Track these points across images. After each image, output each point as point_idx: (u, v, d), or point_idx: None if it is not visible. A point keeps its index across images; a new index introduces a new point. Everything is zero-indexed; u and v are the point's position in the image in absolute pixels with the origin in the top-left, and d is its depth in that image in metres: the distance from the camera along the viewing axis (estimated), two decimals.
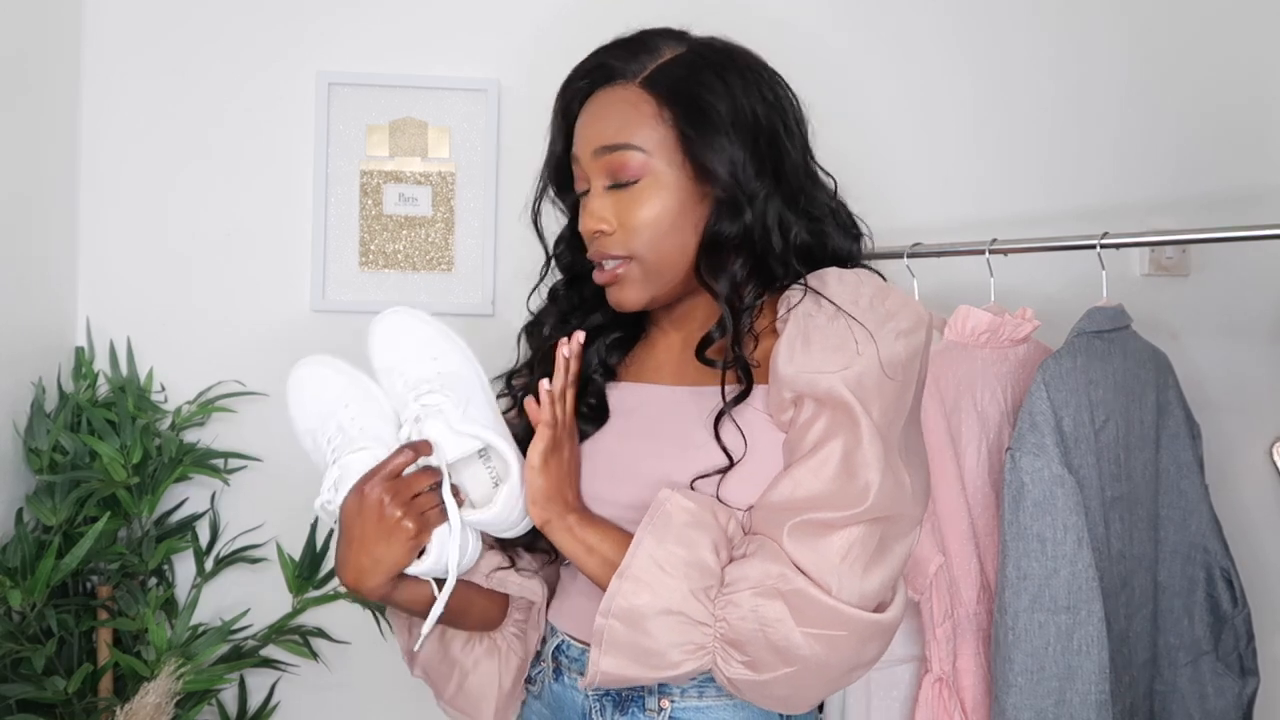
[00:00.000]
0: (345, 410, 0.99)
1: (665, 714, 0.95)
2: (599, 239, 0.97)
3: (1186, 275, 1.81)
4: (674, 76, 0.96)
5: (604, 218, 0.96)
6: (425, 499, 0.92)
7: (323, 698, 1.63)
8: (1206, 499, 1.40)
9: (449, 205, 1.67)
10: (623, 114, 0.95)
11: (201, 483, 1.61)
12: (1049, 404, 1.23)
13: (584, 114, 0.99)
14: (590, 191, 0.98)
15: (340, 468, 0.95)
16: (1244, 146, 1.81)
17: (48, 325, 1.55)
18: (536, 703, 1.05)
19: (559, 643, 1.02)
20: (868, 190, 1.74)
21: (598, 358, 1.04)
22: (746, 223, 0.94)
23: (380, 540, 0.90)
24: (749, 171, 0.94)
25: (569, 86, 1.02)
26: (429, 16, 1.67)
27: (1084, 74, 1.79)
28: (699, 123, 0.93)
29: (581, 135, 0.98)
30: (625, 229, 0.95)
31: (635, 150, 0.94)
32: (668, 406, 0.99)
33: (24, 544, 1.35)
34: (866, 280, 0.95)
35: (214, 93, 1.64)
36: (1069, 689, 1.20)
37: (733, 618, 0.85)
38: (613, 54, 0.99)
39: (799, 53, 1.73)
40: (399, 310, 1.03)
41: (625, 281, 0.97)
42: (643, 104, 0.95)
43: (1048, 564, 1.21)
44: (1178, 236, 1.31)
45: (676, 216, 0.95)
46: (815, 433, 0.88)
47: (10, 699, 1.32)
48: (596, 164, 0.96)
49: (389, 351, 1.01)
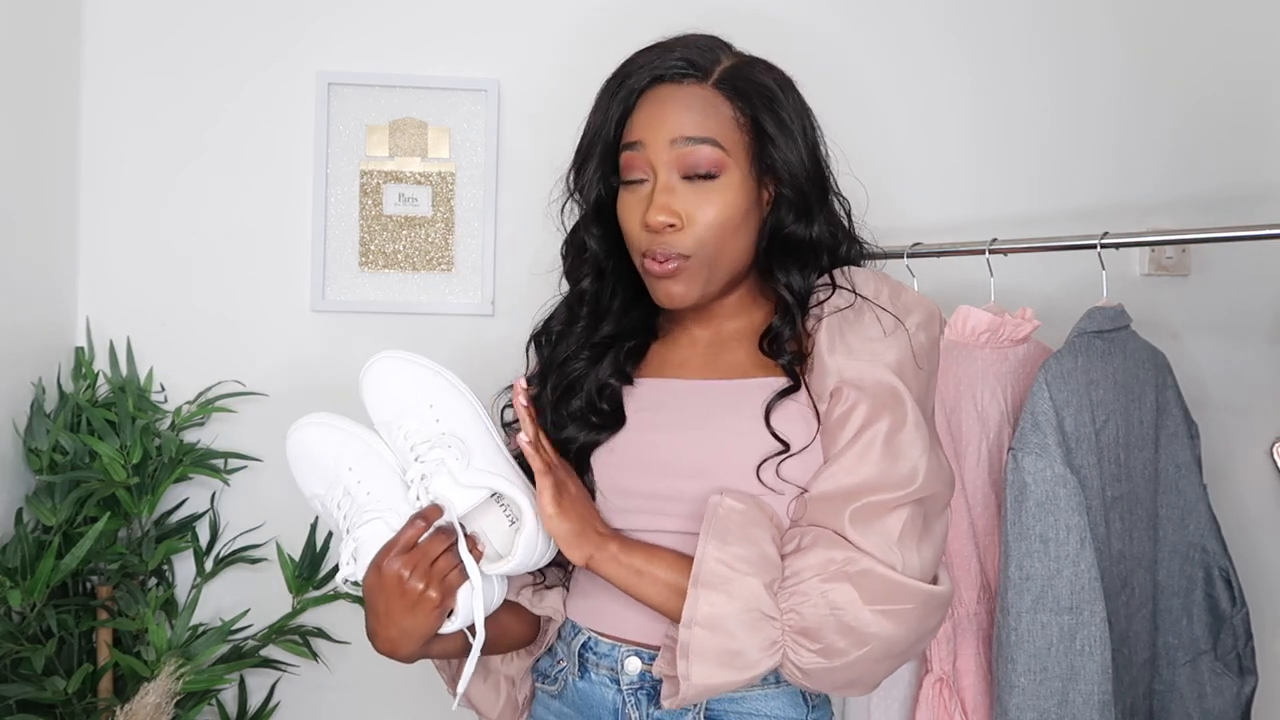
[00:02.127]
0: (349, 473, 0.97)
1: (700, 707, 0.96)
2: (667, 233, 0.96)
3: (1186, 275, 1.81)
4: (746, 81, 0.98)
5: (675, 211, 0.95)
6: (444, 562, 0.92)
7: (323, 698, 1.63)
8: (1205, 499, 1.40)
9: (449, 205, 1.67)
10: (704, 110, 0.96)
11: (201, 483, 1.61)
12: (1051, 404, 1.23)
13: (654, 103, 0.97)
14: (657, 183, 0.96)
15: (355, 540, 0.94)
16: (1244, 146, 1.82)
17: (48, 325, 1.55)
18: (555, 702, 1.04)
19: (585, 640, 1.02)
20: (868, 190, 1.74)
21: (613, 365, 1.03)
22: (814, 231, 0.99)
23: (406, 614, 0.91)
24: (810, 181, 0.99)
25: (630, 77, 1.00)
26: (429, 16, 1.67)
27: (1084, 74, 1.79)
28: (778, 125, 0.97)
29: (655, 123, 0.96)
30: (695, 225, 0.95)
31: (717, 147, 0.95)
32: (697, 399, 0.99)
33: (24, 544, 1.35)
34: (883, 278, 1.00)
35: (214, 93, 1.64)
36: (1072, 689, 1.20)
37: (803, 608, 0.87)
38: (676, 51, 0.99)
39: (799, 54, 1.73)
40: (385, 357, 0.99)
41: (683, 277, 0.97)
42: (721, 104, 0.97)
43: (1050, 564, 1.21)
44: (1178, 236, 1.31)
45: (742, 218, 0.97)
46: (857, 419, 0.91)
47: (10, 699, 1.32)
48: (672, 153, 0.95)
49: (383, 405, 0.98)
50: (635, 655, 0.98)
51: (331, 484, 0.98)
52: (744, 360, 1.00)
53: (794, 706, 0.98)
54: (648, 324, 1.07)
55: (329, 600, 1.56)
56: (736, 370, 1.00)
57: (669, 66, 0.98)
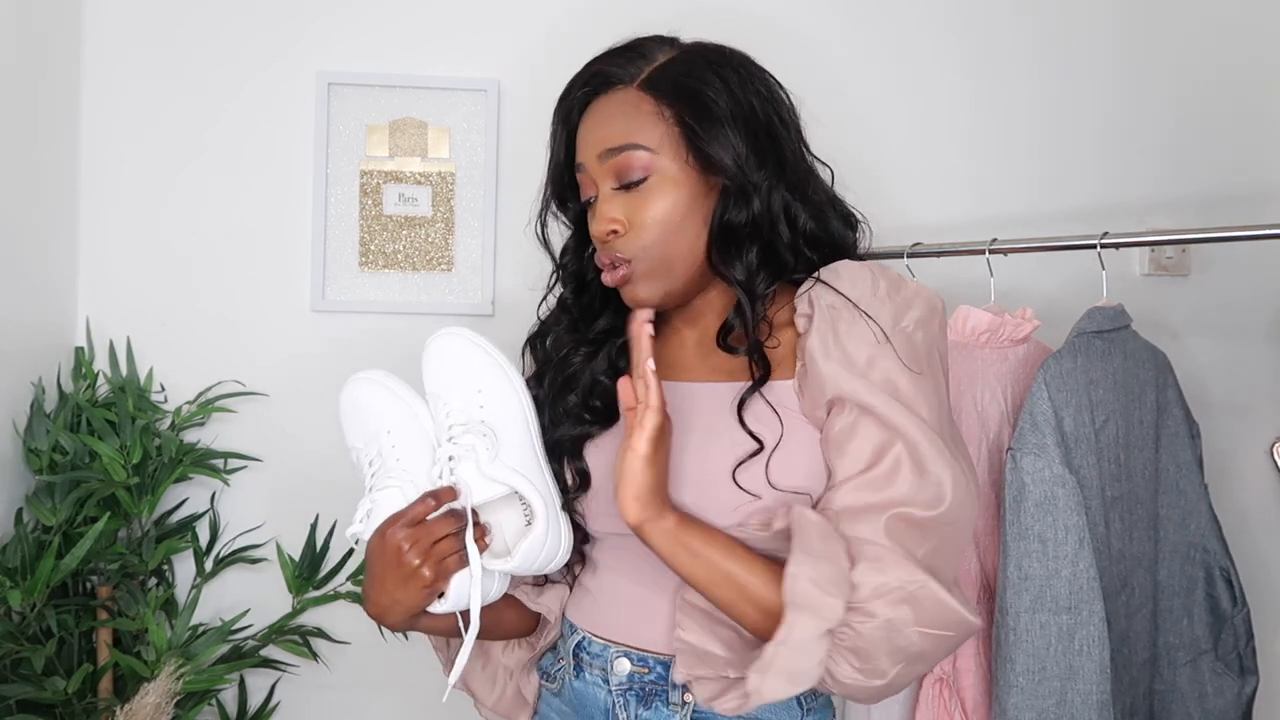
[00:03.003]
0: (388, 436, 0.99)
1: (689, 708, 0.96)
2: (611, 240, 0.97)
3: (1186, 275, 1.81)
4: (671, 75, 0.97)
5: (615, 218, 0.96)
6: (446, 545, 0.92)
7: (323, 698, 1.63)
8: (1206, 498, 1.40)
9: (449, 205, 1.67)
10: (625, 115, 0.96)
11: (201, 483, 1.61)
12: (1050, 404, 1.23)
13: (585, 121, 0.99)
14: (598, 196, 0.98)
15: (371, 501, 0.96)
16: (1244, 146, 1.82)
17: (48, 325, 1.55)
18: (556, 700, 1.06)
19: (579, 640, 1.03)
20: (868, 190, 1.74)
21: (606, 361, 1.04)
22: (755, 211, 0.96)
23: (398, 585, 0.92)
24: (752, 162, 0.95)
25: (567, 97, 1.02)
26: (429, 16, 1.67)
27: (1084, 73, 1.79)
28: (701, 116, 0.95)
29: (585, 141, 0.98)
30: (636, 227, 0.96)
31: (640, 149, 0.95)
32: (686, 402, 0.99)
33: (24, 544, 1.35)
34: (879, 272, 0.96)
35: (214, 93, 1.64)
36: (1070, 689, 1.20)
37: (863, 627, 0.84)
38: (608, 61, 1.00)
39: (798, 54, 1.74)
40: (451, 333, 1.00)
41: (638, 280, 0.97)
42: (643, 104, 0.96)
43: (1049, 564, 1.21)
44: (1178, 236, 1.31)
45: (686, 211, 0.96)
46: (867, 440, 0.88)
47: (10, 699, 1.32)
48: (603, 168, 0.96)
49: (437, 377, 1.00)
50: (625, 657, 0.99)
51: (369, 441, 1.00)
52: (727, 362, 1.00)
53: (788, 711, 0.98)
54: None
55: (329, 600, 1.56)
56: (721, 373, 0.99)
57: (599, 78, 0.99)
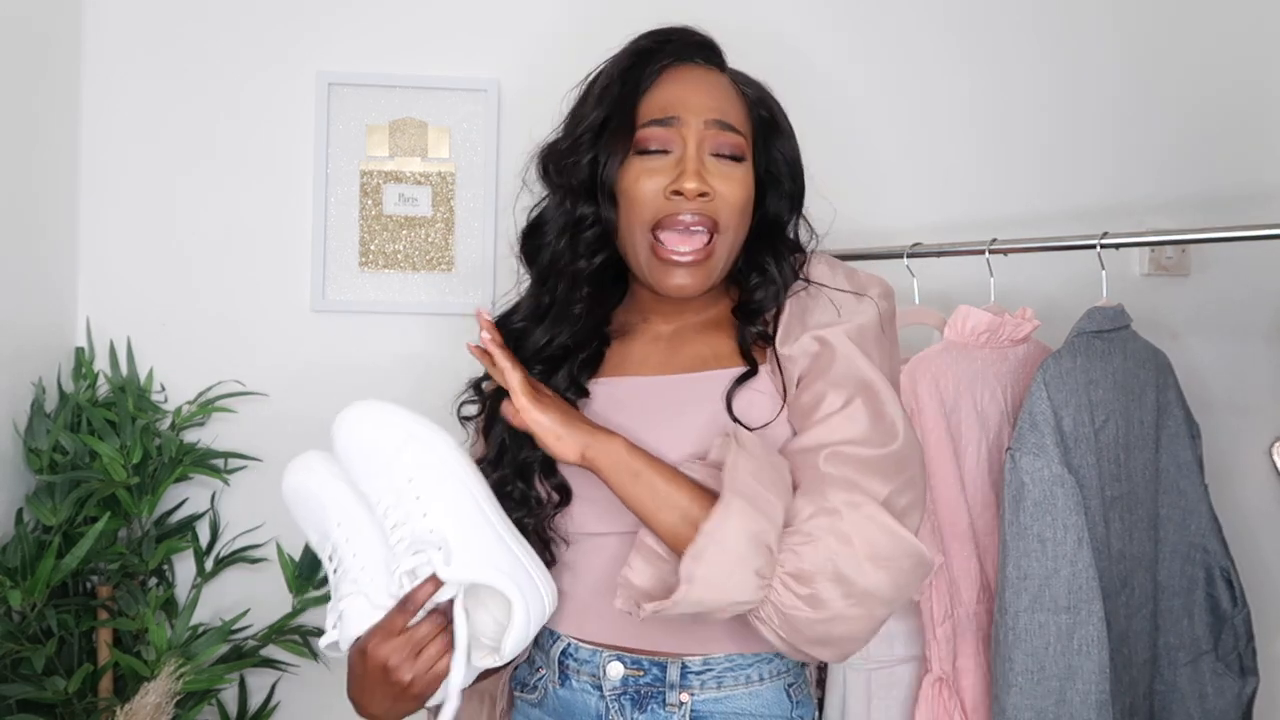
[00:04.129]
0: (339, 529, 0.94)
1: (686, 708, 0.95)
2: (698, 201, 0.95)
3: (1186, 275, 1.81)
4: (749, 78, 1.05)
5: (709, 183, 0.96)
6: (432, 651, 0.89)
7: (323, 698, 1.63)
8: (1206, 499, 1.40)
9: (449, 205, 1.67)
10: (730, 98, 1.01)
11: (201, 483, 1.61)
12: (1049, 404, 1.23)
13: (683, 82, 1.00)
14: (686, 152, 0.96)
15: (339, 610, 0.92)
16: (1243, 146, 1.82)
17: (48, 325, 1.55)
18: (536, 710, 1.03)
19: (565, 646, 1.00)
20: (868, 190, 1.75)
21: (568, 379, 1.00)
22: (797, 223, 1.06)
23: (391, 700, 0.90)
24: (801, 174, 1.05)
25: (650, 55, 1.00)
26: (429, 16, 1.67)
27: (1084, 74, 1.79)
28: (781, 121, 1.04)
29: (689, 101, 0.98)
30: (724, 200, 0.97)
31: (742, 136, 0.99)
32: (658, 396, 0.99)
33: (24, 544, 1.35)
34: (836, 262, 1.04)
35: (214, 93, 1.64)
36: (1069, 689, 1.20)
37: (803, 548, 0.84)
38: (696, 37, 1.03)
39: (799, 54, 1.74)
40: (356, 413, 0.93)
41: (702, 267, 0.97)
42: (738, 95, 1.02)
43: (1048, 564, 1.21)
44: (1178, 236, 1.31)
45: (750, 204, 1.01)
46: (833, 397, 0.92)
47: (10, 699, 1.32)
48: (708, 132, 0.97)
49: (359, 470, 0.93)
50: (617, 660, 0.97)
51: (323, 537, 0.96)
52: (704, 353, 1.00)
53: (779, 704, 0.98)
54: (600, 330, 1.05)
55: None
56: (697, 363, 1.00)
57: (692, 50, 1.02)
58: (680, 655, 0.96)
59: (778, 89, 1.07)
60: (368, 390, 1.28)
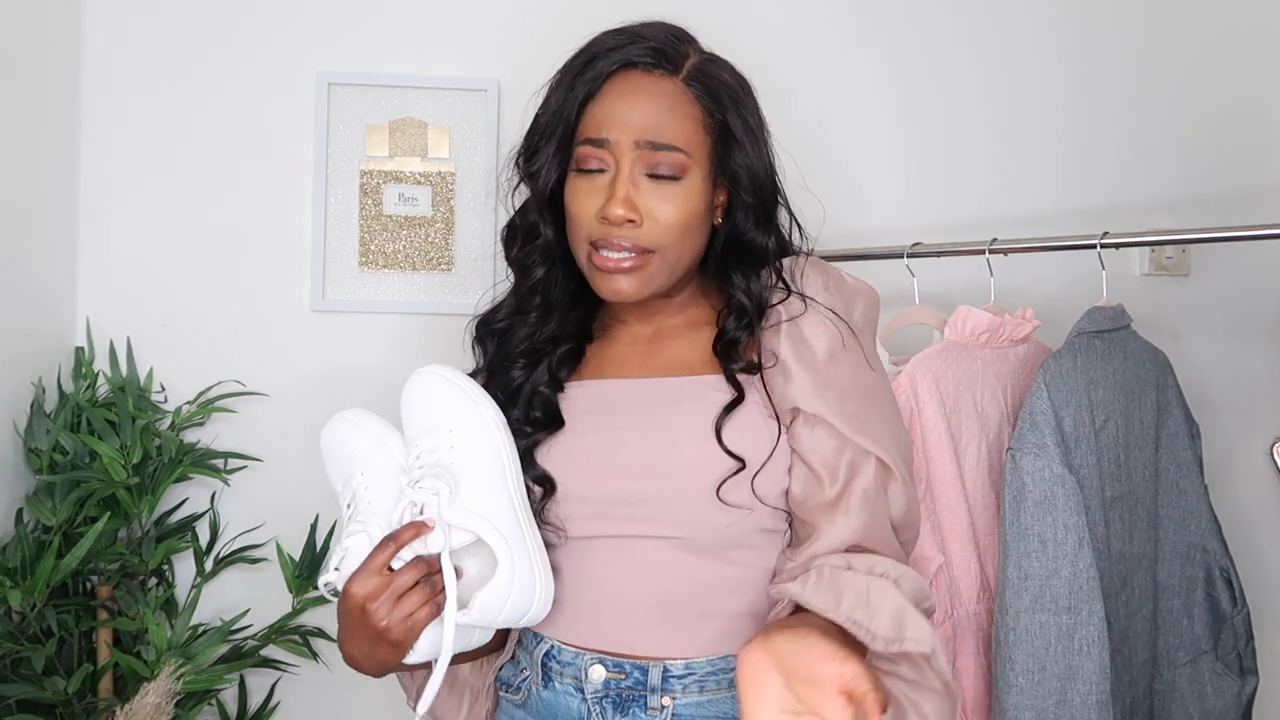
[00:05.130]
0: (361, 477, 0.95)
1: (667, 712, 0.94)
2: (626, 228, 0.94)
3: (1186, 275, 1.81)
4: (714, 80, 0.96)
5: (636, 207, 0.94)
6: (412, 598, 0.87)
7: (323, 698, 1.63)
8: (1206, 499, 1.40)
9: (449, 205, 1.67)
10: (673, 109, 0.95)
11: (201, 483, 1.61)
12: (1049, 404, 1.23)
13: (618, 95, 0.95)
14: (617, 174, 0.94)
15: (343, 549, 0.92)
16: (1244, 147, 1.82)
17: (48, 325, 1.55)
18: (520, 711, 1.02)
19: (548, 648, 0.99)
20: (869, 190, 1.75)
21: (546, 372, 1.00)
22: (772, 237, 0.99)
23: (369, 644, 0.89)
24: (768, 184, 0.99)
25: (595, 61, 0.97)
26: (429, 16, 1.67)
27: (1084, 74, 1.79)
28: (744, 130, 0.96)
29: (620, 119, 0.94)
30: (656, 223, 0.94)
31: (681, 153, 0.94)
32: (639, 398, 0.98)
33: (24, 544, 1.35)
34: (825, 269, 1.00)
35: (214, 93, 1.63)
36: (1070, 689, 1.20)
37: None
38: (646, 39, 0.96)
39: (800, 53, 1.74)
40: (427, 372, 0.96)
41: (637, 274, 0.95)
42: (689, 104, 0.95)
43: (1049, 564, 1.21)
44: (1178, 236, 1.31)
45: (700, 220, 0.97)
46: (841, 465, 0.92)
47: (10, 699, 1.32)
48: (637, 153, 0.94)
49: (411, 419, 0.96)
50: (599, 663, 0.96)
51: (345, 484, 0.97)
52: (685, 356, 1.00)
53: None
54: (584, 326, 1.05)
55: (329, 600, 1.55)
56: (678, 366, 0.99)
57: (640, 54, 0.95)
58: (662, 659, 0.95)
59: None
60: (367, 391, 1.29)
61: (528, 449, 0.98)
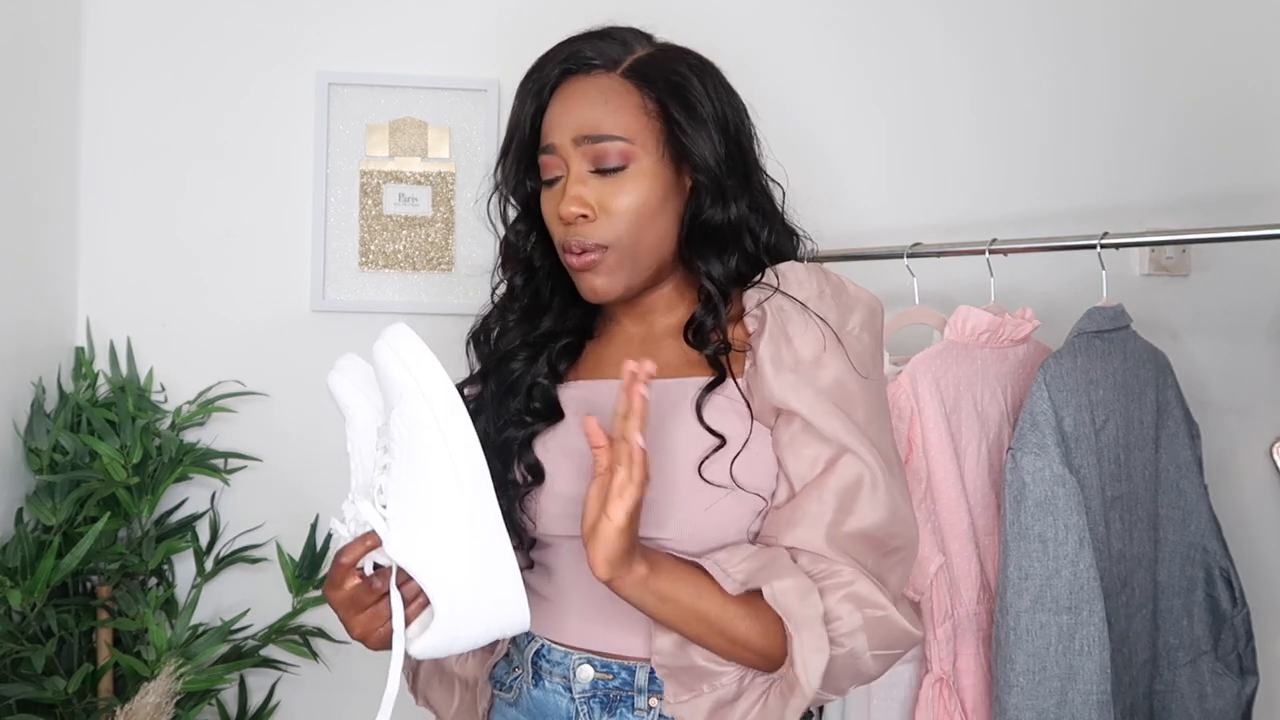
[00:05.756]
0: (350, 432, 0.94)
1: (654, 713, 0.94)
2: (578, 224, 0.95)
3: (1186, 275, 1.81)
4: (656, 69, 0.97)
5: (587, 203, 0.94)
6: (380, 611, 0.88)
7: (323, 698, 1.63)
8: (1206, 499, 1.41)
9: (449, 205, 1.67)
10: (609, 101, 0.95)
11: (201, 483, 1.61)
12: (1050, 404, 1.23)
13: (561, 100, 0.98)
14: (568, 177, 0.96)
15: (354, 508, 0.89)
16: (1243, 146, 1.82)
17: (48, 325, 1.55)
18: (512, 709, 1.02)
19: (538, 648, 0.99)
20: (868, 190, 1.75)
21: (546, 365, 1.01)
22: (731, 215, 0.97)
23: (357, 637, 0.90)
24: (726, 166, 0.96)
25: (539, 72, 1.00)
26: (429, 16, 1.67)
27: (1084, 74, 1.79)
28: (687, 112, 0.95)
29: (559, 121, 0.96)
30: (608, 215, 0.94)
31: (621, 140, 0.95)
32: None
33: (24, 544, 1.35)
34: (823, 275, 0.98)
35: (214, 93, 1.64)
36: (1071, 689, 1.20)
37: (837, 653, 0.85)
38: (588, 43, 0.99)
39: (797, 53, 1.74)
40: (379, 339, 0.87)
41: (602, 269, 0.96)
42: (626, 94, 0.96)
43: (1049, 564, 1.21)
44: (1178, 236, 1.31)
45: (659, 204, 0.96)
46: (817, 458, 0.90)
47: (10, 699, 1.32)
48: (578, 150, 0.95)
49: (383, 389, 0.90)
50: (588, 663, 0.96)
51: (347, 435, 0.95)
52: (676, 358, 0.99)
53: None
54: (585, 324, 1.06)
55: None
56: (668, 369, 0.98)
57: (578, 59, 0.98)
58: (649, 660, 0.94)
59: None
60: None
61: (526, 439, 0.99)
